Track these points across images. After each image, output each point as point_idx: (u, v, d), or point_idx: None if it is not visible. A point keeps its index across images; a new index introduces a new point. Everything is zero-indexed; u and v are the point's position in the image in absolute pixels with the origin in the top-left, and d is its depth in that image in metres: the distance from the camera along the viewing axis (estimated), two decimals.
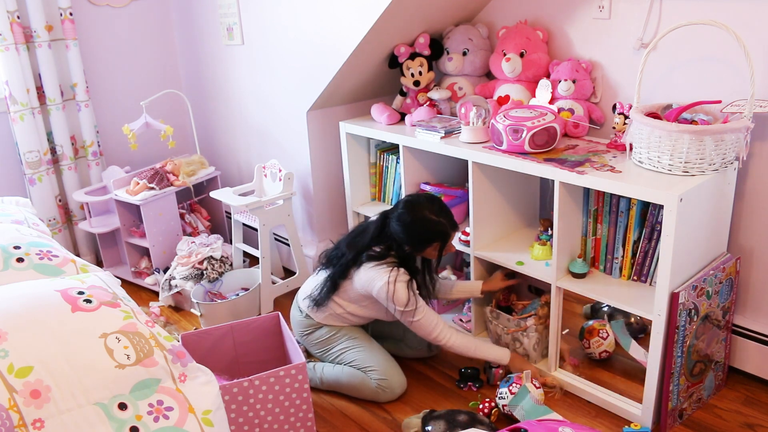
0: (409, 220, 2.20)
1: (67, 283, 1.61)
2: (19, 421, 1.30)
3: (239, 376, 2.08)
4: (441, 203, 2.28)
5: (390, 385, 2.30)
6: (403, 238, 2.21)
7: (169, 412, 1.44)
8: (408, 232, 2.20)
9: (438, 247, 2.24)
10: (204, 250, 3.04)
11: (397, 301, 2.18)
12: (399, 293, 2.18)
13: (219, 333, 2.18)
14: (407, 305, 2.19)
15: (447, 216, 2.24)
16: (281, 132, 3.20)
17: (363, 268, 2.24)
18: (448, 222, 2.24)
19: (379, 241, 2.26)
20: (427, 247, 2.24)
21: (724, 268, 2.09)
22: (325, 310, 2.35)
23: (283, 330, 2.28)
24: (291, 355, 2.21)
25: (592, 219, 2.22)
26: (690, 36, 2.13)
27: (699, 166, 1.92)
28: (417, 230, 2.21)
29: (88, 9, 3.38)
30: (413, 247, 2.23)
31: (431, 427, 2.03)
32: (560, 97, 2.42)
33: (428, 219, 2.21)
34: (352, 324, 2.40)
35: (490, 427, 2.05)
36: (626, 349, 2.26)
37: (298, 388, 1.98)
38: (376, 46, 2.66)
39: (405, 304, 2.19)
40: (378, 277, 2.20)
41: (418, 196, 2.30)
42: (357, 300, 2.32)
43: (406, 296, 2.18)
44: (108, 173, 3.40)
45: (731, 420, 2.13)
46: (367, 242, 2.27)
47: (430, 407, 2.27)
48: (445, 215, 2.24)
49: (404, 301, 2.18)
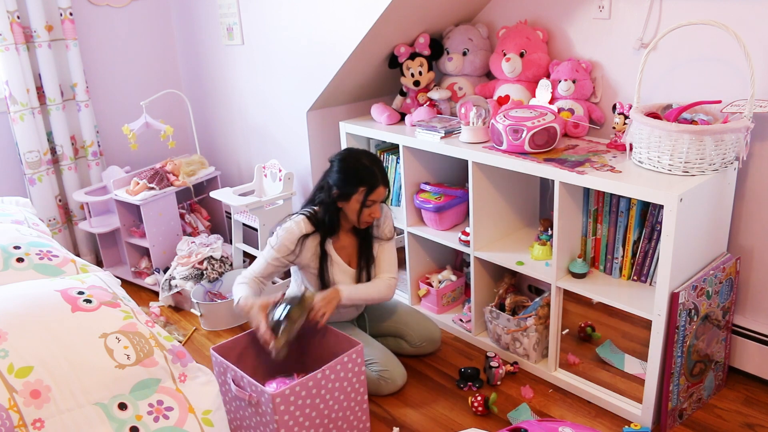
0: (345, 157, 2.25)
1: (67, 283, 1.61)
2: (19, 421, 1.30)
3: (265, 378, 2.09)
4: (378, 160, 2.30)
5: (391, 375, 2.31)
6: (334, 178, 2.22)
7: (169, 412, 1.44)
8: (340, 171, 2.21)
9: (362, 197, 2.20)
10: (204, 250, 3.04)
11: (278, 232, 2.23)
12: (285, 228, 2.23)
13: (246, 340, 2.17)
14: (273, 240, 2.24)
15: (381, 170, 2.25)
16: (281, 132, 3.20)
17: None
18: (379, 174, 2.23)
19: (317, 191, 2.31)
20: (353, 194, 2.19)
21: (724, 268, 2.09)
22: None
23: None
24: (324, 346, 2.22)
25: (592, 219, 2.22)
26: (690, 36, 2.13)
27: (699, 166, 1.92)
28: (348, 170, 2.21)
29: (88, 9, 3.38)
30: (339, 191, 2.20)
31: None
32: (560, 97, 2.42)
33: (362, 162, 2.23)
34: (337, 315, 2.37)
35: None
36: (621, 368, 2.25)
37: (357, 371, 2.03)
38: (376, 46, 2.66)
39: (275, 237, 2.24)
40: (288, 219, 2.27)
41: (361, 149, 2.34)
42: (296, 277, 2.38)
43: (281, 233, 2.22)
44: (108, 173, 3.40)
45: (731, 420, 2.13)
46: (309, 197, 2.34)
47: (429, 405, 2.28)
48: (379, 168, 2.25)
49: (278, 234, 2.23)
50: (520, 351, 2.43)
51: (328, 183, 2.24)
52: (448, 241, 2.61)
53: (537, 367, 2.40)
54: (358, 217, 2.23)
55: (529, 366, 2.42)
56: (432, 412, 2.25)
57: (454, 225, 2.71)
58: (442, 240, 2.64)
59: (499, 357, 2.41)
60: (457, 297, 2.86)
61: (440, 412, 2.25)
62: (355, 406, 2.06)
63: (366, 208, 2.22)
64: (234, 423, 2.06)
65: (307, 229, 2.24)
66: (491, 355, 2.40)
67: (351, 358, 2.00)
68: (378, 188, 2.21)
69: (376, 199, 2.22)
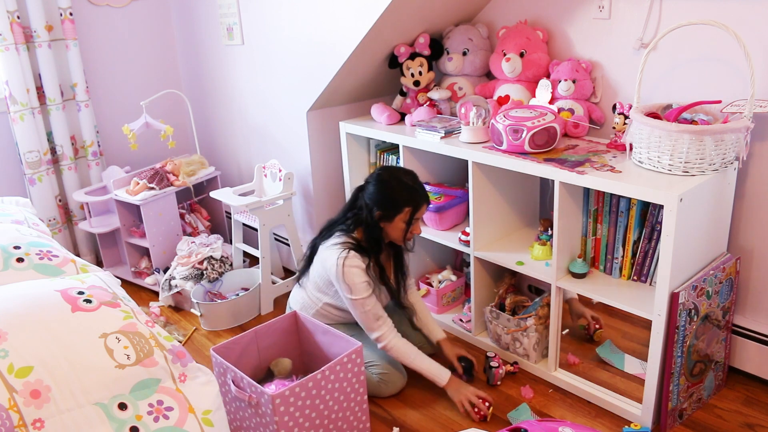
0: (385, 178, 2.22)
1: (67, 283, 1.61)
2: (19, 421, 1.30)
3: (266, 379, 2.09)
4: (417, 177, 2.29)
5: (391, 378, 2.31)
6: (375, 199, 2.20)
7: (169, 412, 1.44)
8: (381, 191, 2.20)
9: (408, 216, 2.21)
10: (204, 250, 3.04)
11: (348, 282, 2.16)
12: (349, 274, 2.16)
13: (245, 340, 2.18)
14: (354, 290, 2.17)
15: (421, 187, 2.26)
16: (281, 132, 3.20)
17: (322, 247, 2.25)
18: (421, 191, 2.24)
19: (353, 209, 2.27)
20: (397, 214, 2.20)
21: (724, 268, 2.09)
22: (314, 303, 2.37)
23: (300, 327, 2.30)
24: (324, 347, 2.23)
25: (592, 219, 2.22)
26: (690, 36, 2.13)
27: (699, 166, 1.92)
28: (391, 190, 2.20)
29: (88, 9, 3.38)
30: (383, 211, 2.20)
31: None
32: (560, 97, 2.42)
33: (404, 182, 2.23)
34: (343, 319, 2.38)
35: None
36: (621, 368, 2.25)
37: (357, 372, 2.03)
38: (376, 46, 2.66)
39: (352, 288, 2.16)
40: (331, 255, 2.19)
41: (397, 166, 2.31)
42: (323, 287, 2.31)
43: (355, 279, 2.16)
44: (108, 173, 3.40)
45: (731, 420, 2.13)
46: (340, 214, 2.29)
47: (429, 405, 2.28)
48: (420, 186, 2.26)
49: (353, 282, 2.16)
50: (520, 351, 2.43)
51: (366, 204, 2.22)
52: (448, 241, 2.61)
53: (537, 367, 2.40)
54: (403, 236, 2.25)
55: (529, 366, 2.42)
56: (432, 412, 2.25)
57: (454, 225, 2.71)
58: (442, 240, 2.64)
59: (499, 357, 2.41)
60: (457, 297, 2.86)
61: (440, 412, 2.25)
62: (354, 406, 2.06)
63: (410, 226, 2.24)
64: (234, 423, 2.06)
65: (363, 261, 2.20)
66: (491, 355, 2.40)
67: (351, 359, 2.00)
68: (423, 206, 2.24)
69: (420, 216, 2.25)
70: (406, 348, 2.24)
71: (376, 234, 2.23)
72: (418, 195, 2.22)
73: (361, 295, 2.18)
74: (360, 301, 2.19)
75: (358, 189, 2.30)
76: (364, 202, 2.24)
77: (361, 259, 2.19)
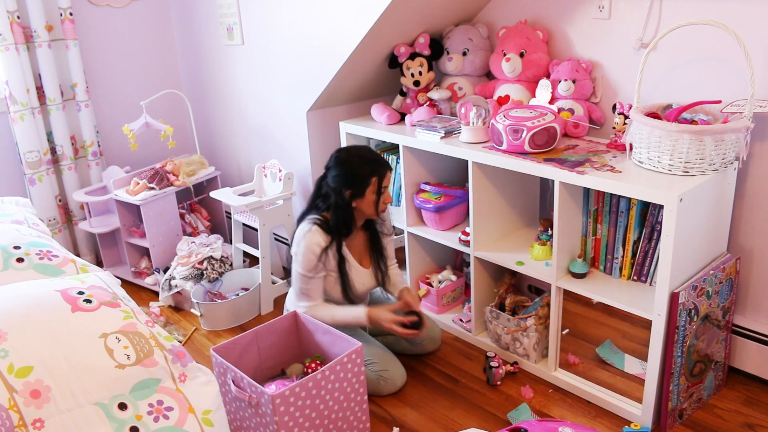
0: (344, 158, 2.25)
1: (67, 283, 1.61)
2: (19, 421, 1.30)
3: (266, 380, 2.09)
4: (372, 149, 2.34)
5: (391, 375, 2.31)
6: (341, 180, 2.22)
7: (169, 412, 1.44)
8: (345, 171, 2.23)
9: (376, 186, 2.24)
10: (204, 250, 3.04)
11: (299, 252, 2.22)
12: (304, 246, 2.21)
13: (245, 340, 2.18)
14: (301, 264, 2.23)
15: (380, 157, 2.30)
16: (281, 132, 3.20)
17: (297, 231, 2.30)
18: (381, 161, 2.28)
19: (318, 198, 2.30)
20: (367, 187, 2.22)
21: (724, 268, 2.09)
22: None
23: (300, 327, 2.30)
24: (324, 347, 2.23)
25: (592, 219, 2.22)
26: (690, 36, 2.13)
27: (699, 166, 1.92)
28: (353, 167, 2.23)
29: (88, 9, 3.39)
30: (353, 189, 2.22)
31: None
32: (560, 97, 2.42)
33: (363, 155, 2.27)
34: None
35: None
36: (621, 368, 2.24)
37: (357, 371, 2.04)
38: (376, 46, 2.66)
39: (301, 260, 2.22)
40: (300, 229, 2.26)
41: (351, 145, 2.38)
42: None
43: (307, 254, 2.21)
44: (108, 173, 3.40)
45: (731, 420, 2.13)
46: (308, 205, 2.33)
47: (429, 405, 2.28)
48: (378, 156, 2.30)
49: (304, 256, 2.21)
50: (520, 351, 2.43)
51: (332, 187, 2.24)
52: (448, 241, 2.61)
53: (537, 367, 2.40)
54: (375, 207, 2.28)
55: (529, 366, 2.42)
56: (432, 412, 2.25)
57: (454, 225, 2.71)
58: (442, 240, 2.64)
59: (499, 357, 2.41)
60: (457, 297, 2.86)
61: (440, 412, 2.25)
62: (354, 406, 2.06)
63: (381, 196, 2.27)
64: (234, 423, 2.06)
65: (325, 240, 2.24)
66: (491, 355, 2.40)
67: (350, 359, 2.00)
68: (387, 173, 2.27)
69: (387, 184, 2.28)
70: (322, 313, 2.28)
71: (346, 215, 2.26)
72: (380, 164, 2.26)
73: (304, 270, 2.23)
74: (303, 277, 2.25)
75: (321, 178, 2.32)
76: (330, 188, 2.26)
77: (323, 237, 2.23)
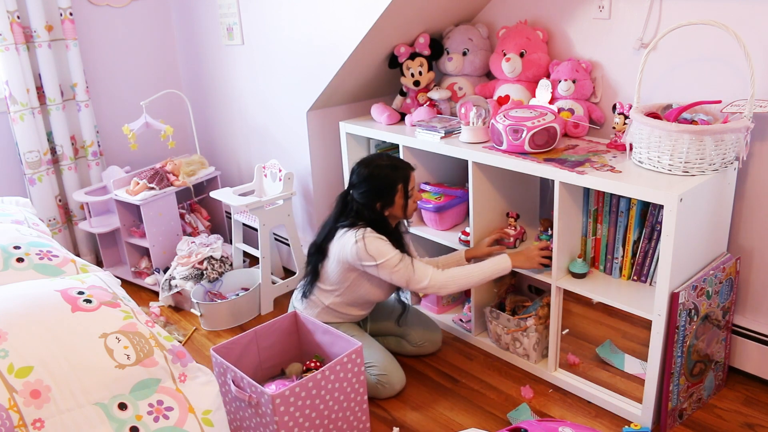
0: (367, 174, 2.24)
1: (67, 283, 1.61)
2: (19, 421, 1.30)
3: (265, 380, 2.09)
4: (389, 154, 2.36)
5: (390, 380, 2.30)
6: (368, 195, 2.23)
7: (169, 412, 1.44)
8: (371, 186, 2.23)
9: (402, 191, 2.25)
10: (204, 250, 3.04)
11: (371, 253, 2.17)
12: (370, 245, 2.17)
13: (245, 340, 2.18)
14: (379, 255, 2.17)
15: (399, 160, 2.32)
16: (281, 132, 3.20)
17: (335, 239, 2.26)
18: (401, 164, 2.29)
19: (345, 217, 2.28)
20: (394, 195, 2.24)
21: (724, 268, 2.09)
22: (317, 304, 2.36)
23: (300, 327, 2.30)
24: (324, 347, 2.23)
25: (592, 219, 2.22)
26: (690, 36, 2.13)
27: (699, 166, 1.92)
28: (378, 178, 2.23)
29: (88, 9, 3.38)
30: (382, 201, 2.23)
31: None
32: (560, 97, 2.42)
33: (383, 164, 2.26)
34: (347, 317, 2.39)
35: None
36: (621, 368, 2.24)
37: (357, 372, 2.04)
38: (376, 46, 2.66)
39: (377, 254, 2.17)
40: (347, 239, 2.21)
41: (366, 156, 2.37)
42: (341, 280, 2.30)
43: (376, 246, 2.17)
44: (108, 173, 3.40)
45: (731, 420, 2.13)
46: (332, 221, 2.31)
47: (429, 406, 2.28)
48: (397, 159, 2.31)
49: (376, 251, 2.17)
50: (520, 351, 2.43)
51: (362, 203, 2.24)
52: (448, 241, 2.61)
53: (537, 367, 2.40)
54: (405, 209, 2.29)
55: (529, 366, 2.42)
56: (432, 412, 2.26)
57: (454, 225, 2.71)
58: (442, 240, 2.64)
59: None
60: (457, 297, 2.86)
61: (440, 412, 2.25)
62: (354, 406, 2.06)
63: (410, 198, 2.29)
64: (234, 423, 2.06)
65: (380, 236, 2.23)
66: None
67: (350, 359, 2.00)
68: (411, 175, 2.28)
69: (413, 185, 2.29)
70: (453, 275, 2.24)
71: (383, 225, 2.26)
72: (401, 168, 2.27)
73: (388, 255, 2.18)
74: (388, 262, 2.18)
75: (344, 194, 2.31)
76: (360, 205, 2.25)
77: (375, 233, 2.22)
